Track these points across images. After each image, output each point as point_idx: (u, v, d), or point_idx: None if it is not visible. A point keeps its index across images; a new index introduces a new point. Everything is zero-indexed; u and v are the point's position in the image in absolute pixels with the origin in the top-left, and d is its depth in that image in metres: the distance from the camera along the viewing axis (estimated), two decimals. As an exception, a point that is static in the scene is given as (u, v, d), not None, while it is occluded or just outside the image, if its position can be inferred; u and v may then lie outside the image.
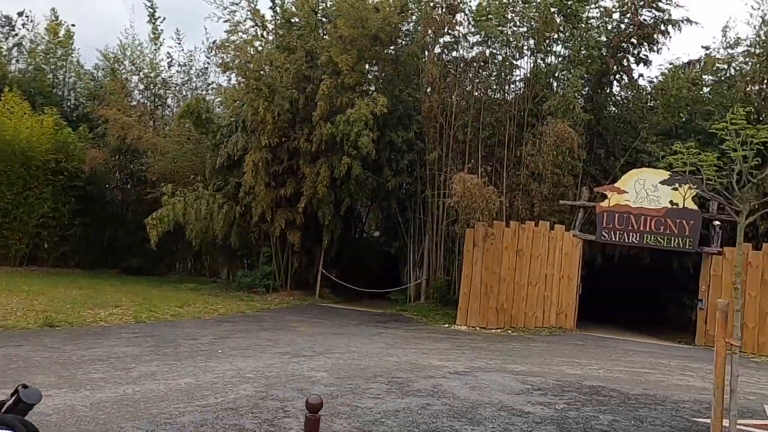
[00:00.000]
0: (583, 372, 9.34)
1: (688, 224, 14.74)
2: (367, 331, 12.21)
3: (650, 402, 7.46)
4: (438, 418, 5.90)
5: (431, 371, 8.30)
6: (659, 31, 15.65)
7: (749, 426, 6.68)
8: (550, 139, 13.72)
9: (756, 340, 14.08)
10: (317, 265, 17.95)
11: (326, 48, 14.82)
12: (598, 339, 14.14)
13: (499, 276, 14.58)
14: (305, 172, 15.67)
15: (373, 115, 14.11)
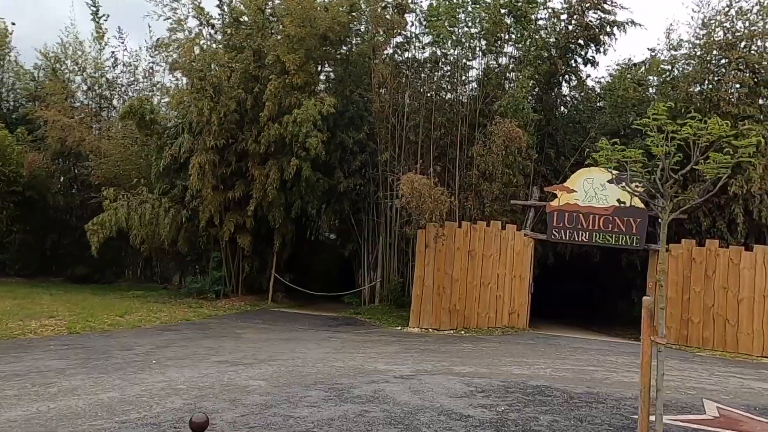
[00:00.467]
0: (530, 372, 9.29)
1: (635, 222, 14.98)
2: (317, 336, 11.95)
3: (592, 401, 7.44)
4: (374, 425, 5.71)
5: (375, 376, 8.12)
6: (605, 32, 15.89)
7: (686, 421, 6.70)
8: (499, 138, 13.74)
9: (701, 335, 14.38)
10: (270, 269, 17.58)
11: (273, 47, 14.49)
12: (549, 337, 14.21)
13: (452, 277, 14.52)
14: (254, 175, 15.30)
15: (322, 115, 13.86)
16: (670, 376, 9.88)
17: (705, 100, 14.97)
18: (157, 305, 14.85)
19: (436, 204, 12.76)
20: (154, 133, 16.58)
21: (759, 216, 14.19)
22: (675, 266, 14.80)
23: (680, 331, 14.60)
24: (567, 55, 16.14)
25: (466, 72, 17.42)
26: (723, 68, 15.00)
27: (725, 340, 14.17)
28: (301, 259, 21.26)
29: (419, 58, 17.28)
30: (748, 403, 8.01)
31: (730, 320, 14.18)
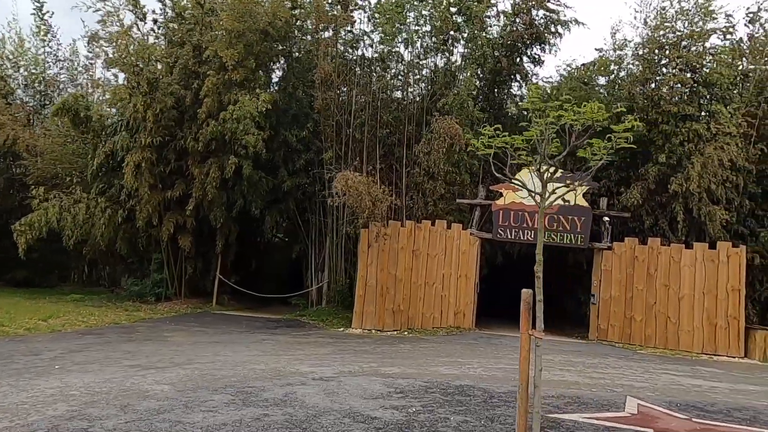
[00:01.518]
0: (459, 372, 9.10)
1: (579, 221, 14.99)
2: (250, 339, 11.58)
3: (512, 400, 7.22)
4: (268, 430, 5.41)
5: (293, 378, 7.81)
6: (549, 31, 15.90)
7: (601, 419, 6.56)
8: (440, 136, 13.57)
9: (643, 333, 14.45)
10: (214, 271, 17.11)
11: (212, 42, 14.06)
12: (493, 337, 14.09)
13: (396, 277, 14.28)
14: (194, 173, 14.84)
15: (263, 112, 13.48)
16: (602, 374, 9.84)
17: (647, 100, 15.08)
18: (90, 309, 14.27)
19: (375, 202, 12.50)
20: (89, 131, 15.97)
21: (698, 214, 14.31)
22: (618, 265, 14.86)
23: (623, 329, 14.65)
24: (513, 54, 16.09)
25: (415, 70, 17.27)
26: (664, 68, 15.12)
27: (666, 337, 14.26)
28: (251, 260, 20.83)
29: (368, 56, 17.08)
30: (673, 399, 7.95)
31: (671, 318, 14.28)
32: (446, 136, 13.36)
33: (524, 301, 4.15)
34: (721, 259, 14.02)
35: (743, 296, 13.96)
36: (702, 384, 9.61)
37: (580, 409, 7.04)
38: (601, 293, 14.87)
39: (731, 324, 13.86)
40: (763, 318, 15.60)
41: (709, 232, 14.19)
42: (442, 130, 13.50)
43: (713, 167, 13.88)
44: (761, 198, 15.45)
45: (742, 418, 7.11)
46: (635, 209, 15.12)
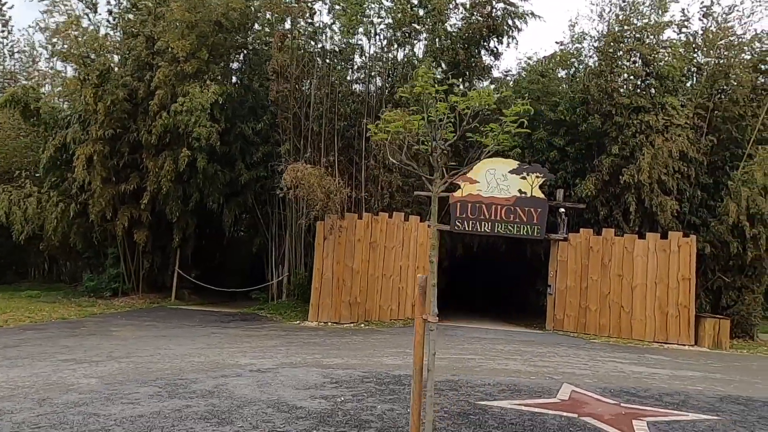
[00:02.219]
0: (403, 362, 9.09)
1: (536, 212, 15.09)
2: (199, 332, 11.46)
3: (447, 388, 7.29)
4: (185, 421, 5.35)
5: (230, 370, 7.74)
6: (507, 24, 15.95)
7: (530, 405, 6.62)
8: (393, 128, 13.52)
9: (598, 322, 14.64)
10: (173, 265, 16.91)
11: (164, 33, 13.82)
12: (450, 328, 14.13)
13: (352, 269, 14.25)
14: (149, 166, 14.61)
15: (213, 104, 13.30)
16: (547, 363, 9.92)
17: (602, 92, 15.22)
18: (41, 305, 14.00)
19: (330, 195, 12.44)
20: (41, 123, 15.63)
21: (650, 204, 14.52)
22: (574, 255, 15.02)
23: (579, 319, 14.83)
24: (471, 47, 16.11)
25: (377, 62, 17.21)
26: (618, 60, 15.28)
27: (620, 326, 14.47)
28: (214, 254, 20.61)
29: (329, 48, 16.97)
30: (610, 386, 8.06)
31: (624, 307, 14.49)
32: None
33: (419, 286, 4.14)
34: (673, 248, 14.26)
35: (693, 285, 14.22)
36: (644, 371, 9.77)
37: (512, 396, 7.11)
38: (557, 284, 15.03)
39: (682, 312, 14.11)
40: (716, 306, 15.90)
41: (660, 222, 14.40)
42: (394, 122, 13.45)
43: (663, 158, 14.10)
44: (713, 189, 15.73)
45: (671, 403, 7.24)
46: (590, 200, 15.29)
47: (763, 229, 14.67)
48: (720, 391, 8.30)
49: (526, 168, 15.30)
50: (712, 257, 15.50)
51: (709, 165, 15.79)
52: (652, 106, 14.65)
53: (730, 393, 8.19)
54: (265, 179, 16.11)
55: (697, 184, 15.52)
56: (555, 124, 16.34)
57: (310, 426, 5.41)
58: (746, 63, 15.94)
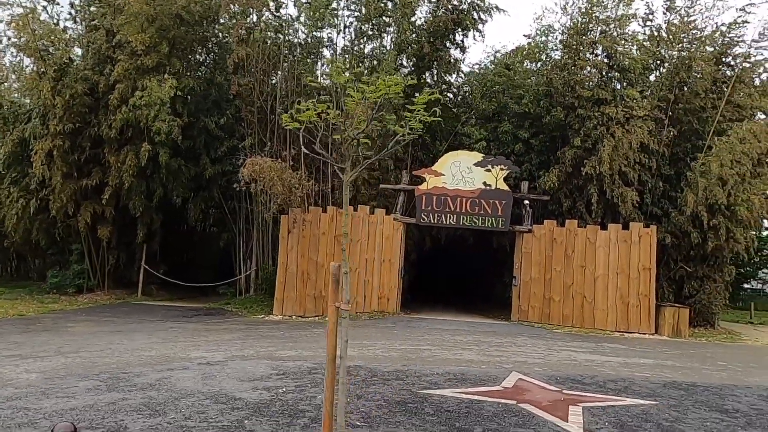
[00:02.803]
0: (357, 353, 9.12)
1: (500, 204, 15.20)
2: (158, 327, 11.40)
3: (393, 378, 7.34)
4: (116, 413, 5.33)
5: (178, 363, 7.73)
6: (472, 17, 15.99)
7: (472, 393, 6.69)
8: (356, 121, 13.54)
9: (561, 313, 14.80)
10: (139, 261, 16.77)
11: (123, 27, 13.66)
12: (415, 320, 14.22)
13: (317, 263, 14.26)
14: (111, 161, 14.45)
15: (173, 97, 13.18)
16: (502, 353, 10.02)
17: (565, 84, 15.35)
18: (1, 302, 13.82)
19: (290, 189, 12.42)
20: (1, 118, 15.37)
21: (611, 196, 14.70)
22: (538, 247, 15.16)
23: (543, 309, 14.98)
24: (436, 40, 16.14)
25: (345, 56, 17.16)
26: (581, 53, 15.39)
27: (583, 316, 14.65)
28: (183, 250, 20.51)
29: (294, 41, 16.89)
30: (558, 374, 8.16)
31: (587, 297, 14.67)
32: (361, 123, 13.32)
33: (332, 275, 4.17)
34: (634, 239, 14.47)
35: (654, 275, 14.44)
36: (596, 359, 9.91)
37: (457, 384, 7.18)
38: (522, 275, 15.16)
39: (642, 302, 14.34)
40: (678, 295, 16.17)
41: (622, 213, 14.59)
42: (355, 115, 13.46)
43: (624, 150, 14.27)
44: (675, 180, 15.96)
45: (614, 389, 7.36)
46: (554, 192, 15.44)
47: (723, 219, 14.95)
48: (666, 377, 8.46)
49: (490, 160, 15.41)
50: (674, 247, 15.75)
51: (671, 156, 16.01)
52: (614, 99, 14.82)
53: (675, 379, 8.34)
54: (230, 173, 16.01)
55: (659, 175, 15.73)
56: (520, 117, 16.46)
57: (243, 416, 5.42)
58: (708, 56, 16.16)
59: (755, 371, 9.81)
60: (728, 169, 13.69)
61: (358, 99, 4.20)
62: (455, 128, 17.16)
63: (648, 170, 15.35)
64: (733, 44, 16.45)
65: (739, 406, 6.81)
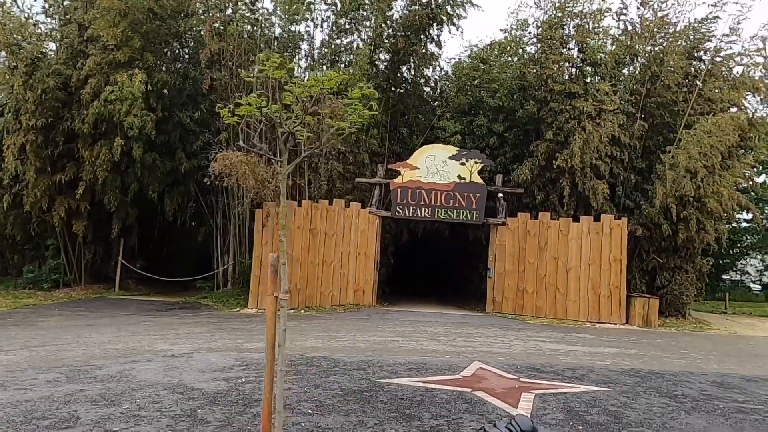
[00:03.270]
0: (324, 345, 9.26)
1: (474, 197, 15.37)
2: (130, 321, 11.45)
3: (355, 368, 7.45)
4: (71, 404, 5.41)
5: (143, 356, 7.80)
6: (446, 12, 16.08)
7: (429, 381, 6.82)
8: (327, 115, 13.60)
9: (535, 304, 15.02)
10: (116, 256, 16.76)
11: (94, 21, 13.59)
12: (389, 313, 14.36)
13: (292, 256, 14.32)
14: (84, 156, 14.42)
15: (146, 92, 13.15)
16: (469, 343, 10.17)
17: (538, 78, 15.50)
18: (-26, 298, 13.80)
19: (262, 182, 12.48)
20: (-28, 113, 15.29)
21: (583, 188, 14.90)
22: (512, 239, 15.35)
23: (516, 301, 15.19)
24: (411, 35, 16.20)
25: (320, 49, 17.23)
26: (553, 47, 15.53)
27: (555, 307, 14.88)
28: (161, 244, 20.49)
29: (270, 35, 16.90)
30: (520, 363, 8.32)
31: (560, 289, 14.89)
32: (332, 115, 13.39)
33: (270, 265, 4.27)
34: (605, 231, 14.69)
35: (625, 266, 14.68)
36: (562, 349, 10.10)
37: (417, 373, 7.31)
38: (496, 267, 15.35)
39: (613, 293, 14.58)
40: (651, 286, 16.44)
41: (593, 205, 14.79)
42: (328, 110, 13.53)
43: (595, 143, 14.45)
44: (648, 172, 16.19)
45: (572, 377, 7.53)
46: (528, 185, 15.62)
47: (693, 211, 15.21)
48: (626, 365, 8.66)
49: (465, 154, 15.56)
50: (646, 239, 16.00)
51: (644, 149, 16.25)
52: (585, 93, 14.99)
53: (634, 367, 8.55)
54: (206, 168, 15.95)
55: (631, 168, 15.96)
56: (495, 111, 16.60)
57: (197, 405, 5.52)
58: (680, 50, 16.38)
59: (715, 359, 10.06)
60: (696, 162, 13.91)
61: (298, 93, 4.27)
62: (431, 122, 17.27)
63: (620, 163, 15.57)
64: (704, 39, 16.70)
65: (689, 391, 7.01)
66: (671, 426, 5.52)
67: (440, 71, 17.97)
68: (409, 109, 17.49)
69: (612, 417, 5.70)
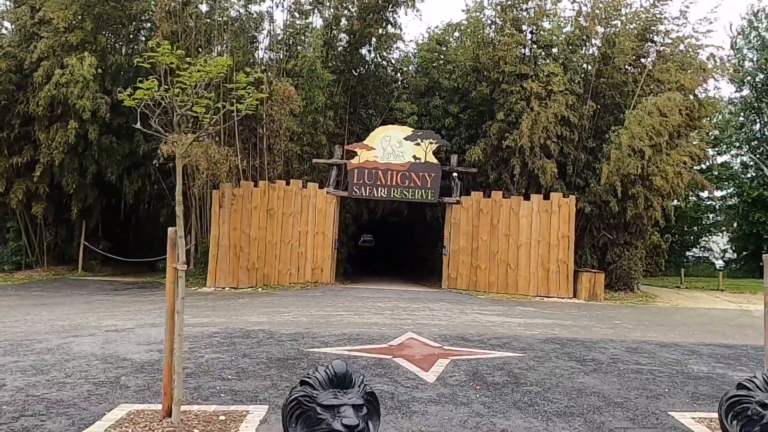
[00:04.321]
0: (267, 319, 9.63)
1: (429, 177, 15.75)
2: (83, 300, 11.72)
3: (289, 339, 7.83)
4: (1, 373, 5.73)
5: (86, 331, 8.11)
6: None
7: (356, 350, 7.23)
8: (280, 98, 13.87)
9: (487, 280, 15.52)
10: (79, 237, 16.92)
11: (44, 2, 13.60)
12: (346, 290, 14.75)
13: (249, 236, 14.63)
14: (41, 138, 14.51)
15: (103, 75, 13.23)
16: (411, 316, 10.62)
17: (490, 60, 15.83)
18: (-67, 280, 13.95)
19: (216, 164, 12.73)
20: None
21: (533, 167, 15.35)
22: (466, 217, 15.78)
23: (470, 277, 15.68)
24: (367, 16, 16.39)
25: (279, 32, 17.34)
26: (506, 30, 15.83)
27: (507, 283, 15.40)
28: (127, 226, 20.61)
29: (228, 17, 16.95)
30: (450, 333, 8.76)
31: (511, 265, 15.40)
32: (284, 99, 13.66)
33: (169, 238, 4.61)
34: (554, 209, 15.18)
35: (572, 242, 15.22)
36: (500, 321, 10.58)
37: (347, 343, 7.72)
38: (451, 245, 15.81)
39: (561, 268, 15.12)
40: (602, 261, 17.04)
41: (542, 184, 15.26)
42: (281, 92, 13.79)
43: (544, 123, 14.86)
44: (598, 152, 16.68)
45: (494, 345, 8.00)
46: (481, 165, 16.03)
47: (641, 189, 15.76)
48: (552, 334, 9.16)
49: (420, 134, 15.90)
50: (596, 216, 16.55)
51: (595, 129, 16.73)
52: (535, 74, 15.36)
53: (560, 336, 9.06)
54: (165, 150, 16.17)
55: (582, 147, 16.43)
56: (451, 92, 16.94)
57: (123, 373, 5.88)
58: (632, 32, 16.78)
59: (643, 328, 10.64)
60: (639, 141, 14.40)
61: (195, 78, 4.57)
62: (390, 103, 17.56)
63: (570, 143, 16.03)
64: (655, 21, 17.12)
65: (599, 356, 7.52)
66: (564, 385, 6.00)
67: (400, 53, 18.24)
68: (369, 90, 17.75)
69: (512, 378, 6.17)
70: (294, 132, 14.84)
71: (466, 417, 4.83)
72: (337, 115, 16.56)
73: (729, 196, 35.52)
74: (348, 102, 17.43)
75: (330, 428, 2.56)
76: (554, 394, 5.63)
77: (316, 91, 14.87)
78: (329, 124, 15.98)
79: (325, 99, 15.11)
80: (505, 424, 4.70)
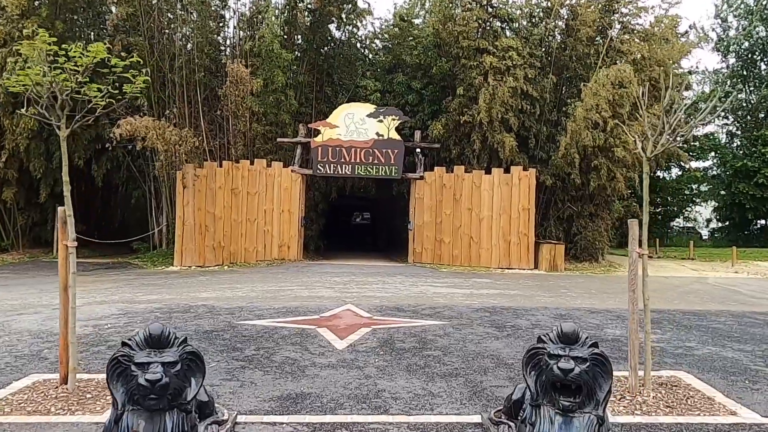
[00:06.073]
0: (218, 295, 9.96)
1: (393, 153, 15.97)
2: (46, 281, 12.00)
3: (226, 313, 8.15)
4: (-70, 350, 6.06)
5: (32, 309, 8.45)
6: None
7: (283, 321, 7.56)
8: (233, 79, 14.03)
9: (451, 253, 15.85)
10: (53, 221, 17.22)
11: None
12: (311, 266, 15.08)
13: (215, 215, 14.92)
14: (5, 124, 14.73)
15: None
16: (360, 289, 10.93)
17: (450, 35, 15.91)
18: None
19: (173, 145, 12.95)
20: None
21: (492, 142, 15.54)
22: (430, 192, 16.04)
23: (435, 251, 16.00)
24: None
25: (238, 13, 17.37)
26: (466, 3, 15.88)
27: (470, 255, 15.73)
28: (103, 209, 20.92)
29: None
30: (387, 305, 9.07)
31: (473, 238, 15.72)
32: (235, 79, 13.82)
33: (59, 218, 4.88)
34: (514, 182, 15.44)
35: (533, 214, 15.51)
36: (446, 292, 10.88)
37: (281, 315, 8.04)
38: (416, 219, 16.09)
39: (522, 240, 15.43)
40: (568, 233, 17.33)
41: (502, 158, 15.48)
42: (234, 74, 13.95)
43: (503, 97, 15.01)
44: (561, 125, 16.85)
45: (423, 314, 8.30)
46: (444, 140, 16.23)
47: (604, 160, 15.98)
48: (489, 304, 9.47)
49: (382, 111, 16.08)
50: (560, 189, 16.81)
51: (558, 102, 16.87)
52: (495, 49, 15.45)
53: (497, 305, 9.37)
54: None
55: (544, 120, 16.60)
56: (414, 68, 17.06)
57: (47, 347, 6.21)
58: (595, 5, 16.82)
59: (585, 296, 10.95)
60: (595, 113, 14.57)
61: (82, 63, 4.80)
62: (356, 81, 17.69)
63: (532, 116, 16.19)
64: (620, -9, 17.13)
65: (523, 323, 7.84)
66: (467, 349, 6.33)
67: (366, 31, 18.29)
68: (335, 68, 17.86)
69: (421, 344, 6.49)
70: (255, 112, 15.01)
71: (353, 380, 5.15)
72: (302, 93, 16.72)
73: (713, 167, 35.78)
74: (314, 81, 17.57)
75: (137, 383, 2.88)
76: (451, 357, 5.96)
77: (276, 71, 15.00)
78: (293, 103, 16.14)
79: (285, 79, 15.25)
80: (387, 384, 5.03)
